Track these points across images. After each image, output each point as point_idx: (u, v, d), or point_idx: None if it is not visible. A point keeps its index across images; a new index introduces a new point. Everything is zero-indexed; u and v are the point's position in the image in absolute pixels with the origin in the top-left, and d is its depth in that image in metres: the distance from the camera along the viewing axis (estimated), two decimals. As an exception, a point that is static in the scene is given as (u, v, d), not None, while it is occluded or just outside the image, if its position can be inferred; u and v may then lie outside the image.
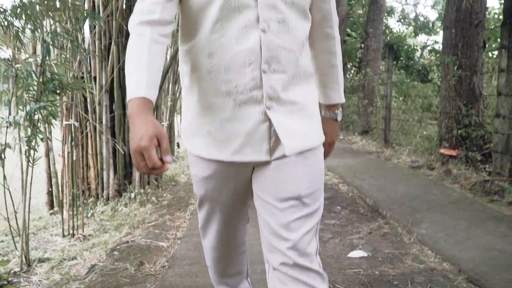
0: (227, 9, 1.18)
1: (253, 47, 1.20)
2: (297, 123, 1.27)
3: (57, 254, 3.39)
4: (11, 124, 2.99)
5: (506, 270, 2.37)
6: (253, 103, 1.23)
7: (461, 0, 5.28)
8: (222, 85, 1.23)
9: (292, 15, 1.24)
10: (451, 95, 5.50)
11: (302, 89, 1.30)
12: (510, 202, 3.83)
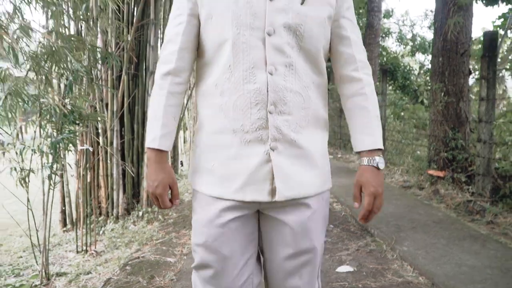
0: (237, 50, 1.24)
1: (260, 88, 1.24)
2: (297, 169, 1.28)
3: (73, 269, 3.72)
4: (35, 151, 3.35)
5: (471, 283, 2.70)
6: (258, 142, 1.26)
7: (447, 31, 5.67)
8: (230, 123, 1.27)
9: (301, 60, 1.28)
10: (439, 119, 5.86)
11: (310, 134, 1.31)
12: (489, 222, 4.16)
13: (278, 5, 1.23)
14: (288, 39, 1.24)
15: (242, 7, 1.23)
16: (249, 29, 1.23)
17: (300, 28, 1.25)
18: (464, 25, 5.67)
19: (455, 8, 5.56)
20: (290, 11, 1.24)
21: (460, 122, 5.76)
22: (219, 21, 1.26)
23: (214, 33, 1.28)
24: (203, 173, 1.35)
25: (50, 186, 3.49)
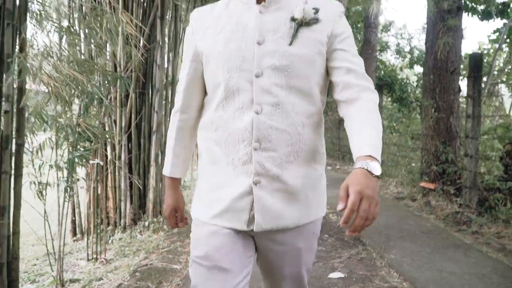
0: (228, 91, 1.35)
1: (247, 126, 1.32)
2: (278, 202, 1.34)
3: (85, 276, 4.00)
4: (52, 167, 3.65)
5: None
6: (243, 175, 1.34)
7: (437, 51, 5.99)
8: (223, 156, 1.37)
9: (290, 99, 1.32)
10: (431, 134, 6.16)
11: (296, 170, 1.35)
12: (474, 232, 4.43)
13: (266, 48, 1.32)
14: (276, 80, 1.31)
15: (232, 52, 1.34)
16: (238, 71, 1.33)
17: (288, 69, 1.31)
18: (454, 45, 5.99)
19: (444, 29, 5.88)
20: (277, 53, 1.31)
21: (450, 136, 6.06)
22: (214, 65, 1.38)
23: (211, 76, 1.40)
24: (197, 198, 1.49)
25: (65, 198, 3.78)
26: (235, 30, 1.35)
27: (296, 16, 1.32)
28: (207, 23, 1.43)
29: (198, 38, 1.43)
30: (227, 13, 1.41)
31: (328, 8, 1.38)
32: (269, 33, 1.32)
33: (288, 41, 1.31)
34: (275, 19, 1.34)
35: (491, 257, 3.65)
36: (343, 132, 11.73)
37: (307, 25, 1.33)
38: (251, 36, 1.33)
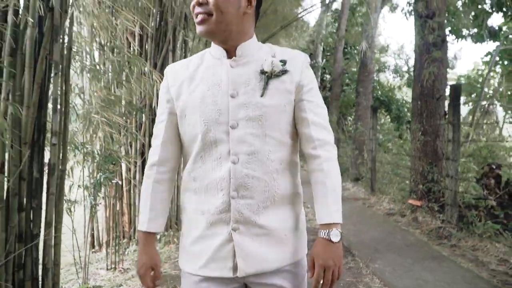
0: (206, 143, 1.41)
1: (224, 176, 1.38)
2: (258, 246, 1.39)
3: (106, 283, 4.52)
4: (80, 186, 4.20)
5: (421, 292, 3.52)
6: (222, 223, 1.39)
7: (423, 79, 6.56)
8: (200, 205, 1.43)
9: (265, 147, 1.39)
10: (418, 155, 6.71)
11: (273, 213, 1.42)
12: (453, 245, 4.95)
13: (239, 101, 1.39)
14: (251, 130, 1.38)
15: (208, 105, 1.40)
16: (215, 124, 1.39)
17: (261, 119, 1.38)
18: (439, 74, 6.55)
19: (429, 60, 6.45)
20: (251, 105, 1.38)
21: (437, 158, 6.59)
22: (191, 119, 1.43)
23: (188, 129, 1.45)
24: (182, 250, 1.53)
25: (91, 214, 4.33)
26: (210, 85, 1.42)
27: (266, 69, 1.41)
28: (181, 77, 1.49)
29: (173, 92, 1.49)
30: (202, 69, 1.48)
31: (295, 60, 1.46)
32: (241, 86, 1.40)
33: (260, 92, 1.39)
34: (246, 72, 1.42)
35: (463, 267, 4.17)
36: (342, 150, 12.31)
37: (276, 77, 1.41)
38: (225, 90, 1.40)
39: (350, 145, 11.95)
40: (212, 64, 1.47)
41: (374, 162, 8.87)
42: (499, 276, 3.94)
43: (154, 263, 1.51)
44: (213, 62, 1.47)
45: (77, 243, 4.41)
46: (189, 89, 1.45)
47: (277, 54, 1.46)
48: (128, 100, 4.80)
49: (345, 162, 12.12)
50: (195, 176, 1.45)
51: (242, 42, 1.46)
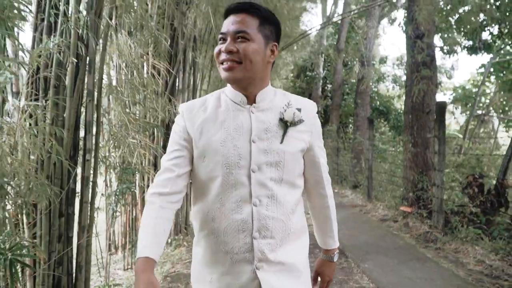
0: (226, 185, 1.45)
1: (246, 218, 1.44)
2: (283, 281, 1.47)
3: (125, 281, 5.05)
4: (103, 195, 4.74)
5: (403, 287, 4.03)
6: (246, 262, 1.45)
7: (413, 95, 7.09)
8: (222, 245, 1.47)
9: (281, 190, 1.48)
10: (409, 165, 7.23)
11: (291, 249, 1.52)
12: (437, 248, 5.46)
13: (260, 146, 1.46)
14: (270, 174, 1.46)
15: (230, 149, 1.46)
16: (236, 168, 1.45)
17: (280, 164, 1.47)
18: (428, 90, 7.08)
19: (419, 77, 6.99)
20: (271, 151, 1.47)
21: (427, 168, 7.10)
22: (210, 161, 1.47)
23: (206, 170, 1.48)
24: (205, 284, 1.54)
25: (113, 220, 4.87)
26: (231, 129, 1.48)
27: (286, 118, 1.50)
28: (200, 118, 1.52)
29: (192, 133, 1.51)
30: (221, 112, 1.52)
31: (307, 109, 1.57)
32: (261, 132, 1.48)
33: (279, 139, 1.48)
34: (266, 119, 1.50)
35: (443, 267, 4.68)
36: (342, 158, 12.83)
37: (294, 125, 1.51)
38: (246, 135, 1.47)
39: (349, 153, 12.48)
40: (232, 108, 1.52)
41: (370, 171, 9.39)
42: (475, 275, 4.45)
43: None
44: (232, 107, 1.53)
45: (100, 246, 4.94)
46: (209, 132, 1.49)
47: (292, 102, 1.56)
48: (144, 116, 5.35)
49: (344, 170, 12.64)
50: (214, 217, 1.49)
51: (261, 89, 1.54)
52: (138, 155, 6.23)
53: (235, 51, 1.43)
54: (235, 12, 1.49)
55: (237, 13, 1.48)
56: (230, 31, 1.46)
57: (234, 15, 1.48)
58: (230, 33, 1.46)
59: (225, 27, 1.48)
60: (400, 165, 9.73)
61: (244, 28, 1.45)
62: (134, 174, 4.88)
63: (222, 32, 1.49)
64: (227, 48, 1.44)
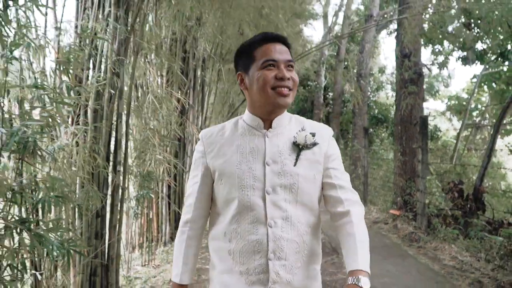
0: (242, 206, 1.51)
1: (261, 239, 1.49)
2: None
3: (144, 275, 5.77)
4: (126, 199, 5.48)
5: (385, 278, 4.74)
6: (260, 284, 1.50)
7: (401, 109, 7.81)
8: (237, 266, 1.53)
9: (296, 212, 1.52)
10: (399, 172, 7.94)
11: (304, 272, 1.54)
12: (419, 246, 6.16)
13: (274, 169, 1.51)
14: (284, 196, 1.50)
15: (245, 172, 1.52)
16: (251, 189, 1.50)
17: (294, 186, 1.51)
18: (415, 104, 7.80)
19: (406, 92, 7.71)
20: (285, 173, 1.51)
21: (414, 174, 7.81)
22: (227, 183, 1.54)
23: (224, 192, 1.56)
24: None
25: (133, 220, 5.61)
26: (246, 152, 1.55)
27: (299, 142, 1.54)
28: (217, 143, 1.62)
29: (210, 157, 1.61)
30: (237, 136, 1.60)
31: (322, 132, 1.61)
32: (275, 155, 1.53)
33: (293, 162, 1.52)
34: (280, 143, 1.55)
35: (421, 262, 5.39)
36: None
37: (307, 148, 1.55)
38: (260, 158, 1.53)
39: (348, 160, 13.19)
40: (248, 132, 1.59)
41: (366, 177, 10.10)
42: (447, 268, 5.15)
43: None
44: (249, 131, 1.59)
45: (123, 244, 5.67)
46: (226, 155, 1.57)
47: (306, 127, 1.60)
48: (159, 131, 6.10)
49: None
50: (231, 238, 1.54)
51: (279, 115, 1.59)
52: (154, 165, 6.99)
53: (288, 78, 1.51)
54: (277, 41, 1.56)
55: (280, 42, 1.56)
56: (281, 60, 1.52)
57: (278, 44, 1.55)
58: (282, 61, 1.52)
59: (274, 54, 1.52)
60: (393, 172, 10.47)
61: (291, 58, 1.55)
62: (152, 181, 5.62)
63: (272, 59, 1.51)
64: (287, 76, 1.51)
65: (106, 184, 4.18)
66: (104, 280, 4.24)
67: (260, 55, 1.52)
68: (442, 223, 6.45)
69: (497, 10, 6.03)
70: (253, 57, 1.54)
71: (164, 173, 6.96)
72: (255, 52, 1.53)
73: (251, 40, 1.59)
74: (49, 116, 2.55)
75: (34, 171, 2.84)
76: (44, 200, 2.36)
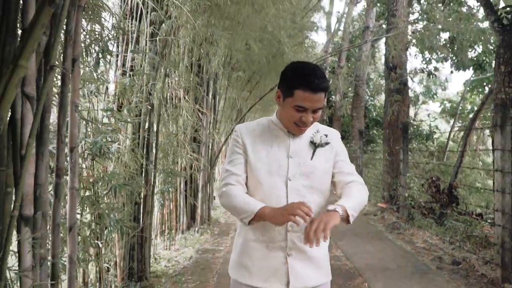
0: (269, 188, 1.84)
1: None
2: (305, 268, 1.83)
3: (166, 256, 6.91)
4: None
5: (366, 258, 5.85)
6: (279, 249, 1.82)
7: (388, 115, 8.90)
8: (261, 236, 1.85)
9: (311, 196, 1.83)
10: (386, 170, 9.03)
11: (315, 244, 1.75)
12: (399, 233, 7.26)
13: (295, 160, 1.86)
14: (302, 182, 1.84)
15: (272, 161, 1.86)
16: (276, 175, 1.84)
17: (310, 175, 1.85)
18: (401, 110, 8.88)
19: (392, 100, 8.80)
20: (304, 164, 1.86)
21: (399, 172, 8.89)
22: (257, 169, 1.87)
23: (255, 175, 1.88)
24: (242, 268, 1.90)
25: (159, 210, 6.76)
26: (275, 148, 1.89)
27: (315, 141, 1.90)
28: (252, 136, 1.93)
29: (248, 146, 1.91)
30: (267, 134, 1.93)
31: (332, 134, 1.96)
32: (296, 151, 1.88)
33: (310, 157, 1.88)
34: (300, 142, 1.91)
35: (397, 244, 6.49)
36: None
37: (321, 146, 1.90)
38: (285, 152, 1.88)
39: (347, 160, 14.26)
40: (277, 133, 1.92)
41: (361, 175, 11.18)
42: (417, 249, 6.25)
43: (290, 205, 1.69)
44: (277, 131, 1.92)
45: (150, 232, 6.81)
46: (258, 147, 1.89)
47: (320, 129, 1.93)
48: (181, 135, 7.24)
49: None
50: None
51: None
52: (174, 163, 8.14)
53: (311, 121, 1.81)
54: (319, 91, 1.74)
55: (321, 92, 1.75)
56: (311, 107, 1.76)
57: (318, 94, 1.74)
58: (311, 108, 1.76)
59: (308, 103, 1.75)
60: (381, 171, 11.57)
61: (321, 106, 1.80)
62: (173, 177, 6.76)
63: (304, 107, 1.76)
64: (310, 121, 1.80)
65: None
66: (140, 254, 5.38)
67: (298, 97, 1.74)
68: (420, 213, 7.54)
69: (465, 31, 7.09)
70: (292, 93, 1.76)
71: (182, 171, 8.12)
72: (296, 90, 1.74)
73: (299, 75, 1.77)
74: (113, 130, 3.70)
75: (101, 168, 3.98)
76: (115, 186, 3.50)
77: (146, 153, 5.40)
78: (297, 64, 1.86)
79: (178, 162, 8.24)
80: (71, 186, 2.50)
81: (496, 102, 4.78)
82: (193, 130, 8.03)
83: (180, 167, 8.20)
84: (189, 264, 6.15)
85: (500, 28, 4.84)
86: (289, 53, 11.93)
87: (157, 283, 5.33)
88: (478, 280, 4.77)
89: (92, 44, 3.15)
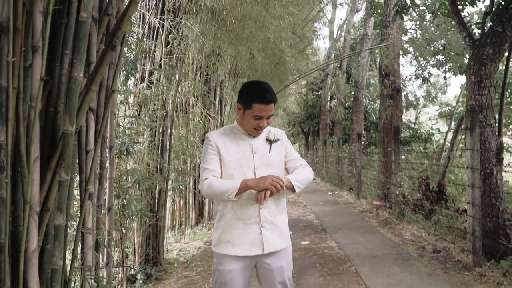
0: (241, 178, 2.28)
1: (254, 197, 2.27)
2: (274, 236, 2.35)
3: (178, 247, 7.62)
4: (165, 189, 7.34)
5: (361, 250, 6.52)
6: (254, 224, 2.31)
7: (382, 118, 9.56)
8: (238, 214, 2.32)
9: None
10: (381, 170, 9.68)
11: (280, 217, 2.41)
12: (390, 227, 7.92)
13: (258, 155, 2.40)
14: (266, 170, 2.36)
15: (240, 156, 2.37)
16: (245, 167, 2.35)
17: (271, 164, 2.41)
18: (394, 114, 9.55)
19: (386, 105, 9.47)
20: (264, 157, 2.40)
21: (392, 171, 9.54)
22: (229, 165, 2.35)
23: (228, 169, 2.35)
24: (225, 243, 2.35)
25: (171, 206, 7.47)
26: (241, 146, 2.41)
27: (270, 138, 2.48)
28: (222, 140, 2.41)
29: (220, 148, 2.38)
30: (235, 137, 2.44)
31: (281, 134, 2.56)
32: (257, 147, 2.43)
33: (268, 150, 2.45)
34: (259, 142, 2.46)
35: (386, 236, 7.15)
36: (341, 165, 15.29)
37: (274, 142, 2.49)
38: (249, 149, 2.41)
39: (348, 161, 14.95)
40: (239, 136, 2.45)
41: (360, 175, 11.85)
42: (405, 240, 6.90)
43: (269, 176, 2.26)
44: (239, 135, 2.45)
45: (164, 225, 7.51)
46: (230, 148, 2.39)
47: (271, 130, 2.52)
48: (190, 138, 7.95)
49: (343, 176, 15.12)
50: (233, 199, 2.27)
51: None
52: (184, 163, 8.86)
53: (266, 125, 2.40)
54: (270, 103, 2.31)
55: (271, 103, 2.32)
56: (266, 115, 2.33)
57: (270, 105, 2.31)
58: (266, 116, 2.33)
59: (263, 112, 2.30)
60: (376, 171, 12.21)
61: (272, 113, 2.37)
62: (185, 175, 7.47)
63: (261, 116, 2.32)
64: (265, 125, 2.38)
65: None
66: (155, 243, 6.10)
67: (256, 109, 2.30)
68: (411, 210, 8.19)
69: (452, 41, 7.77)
70: (250, 107, 2.31)
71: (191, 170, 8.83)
72: (254, 104, 2.29)
73: (255, 92, 2.32)
74: (136, 133, 4.42)
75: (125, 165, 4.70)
76: (139, 179, 4.21)
77: (161, 153, 6.12)
78: (252, 83, 2.41)
79: (188, 162, 8.98)
80: (110, 176, 3.21)
81: (467, 108, 5.43)
82: (202, 133, 8.75)
83: (189, 166, 8.93)
84: (198, 253, 6.85)
85: (470, 43, 5.49)
86: (290, 61, 12.69)
87: (170, 268, 6.04)
88: (454, 265, 5.43)
89: (124, 65, 3.87)
